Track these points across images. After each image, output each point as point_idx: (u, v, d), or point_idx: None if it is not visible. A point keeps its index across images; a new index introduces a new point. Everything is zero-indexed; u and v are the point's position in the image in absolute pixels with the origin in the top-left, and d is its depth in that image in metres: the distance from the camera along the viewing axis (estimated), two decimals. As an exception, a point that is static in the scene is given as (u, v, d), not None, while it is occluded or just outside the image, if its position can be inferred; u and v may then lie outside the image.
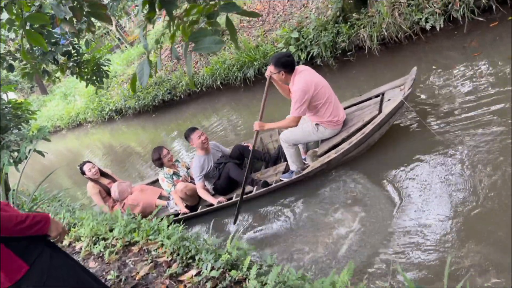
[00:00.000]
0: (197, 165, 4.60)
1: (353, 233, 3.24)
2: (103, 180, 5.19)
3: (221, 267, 2.66)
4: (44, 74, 6.98)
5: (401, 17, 5.12)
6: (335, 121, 3.91)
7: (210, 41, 1.70)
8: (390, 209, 3.28)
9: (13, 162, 5.06)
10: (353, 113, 4.18)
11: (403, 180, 3.48)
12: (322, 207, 3.80)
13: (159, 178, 4.93)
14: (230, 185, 4.62)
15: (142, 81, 1.78)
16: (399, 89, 3.98)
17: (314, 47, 5.99)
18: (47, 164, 12.39)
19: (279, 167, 4.54)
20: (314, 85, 3.70)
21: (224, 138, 6.76)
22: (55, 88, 21.35)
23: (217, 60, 8.25)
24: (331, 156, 3.85)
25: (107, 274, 3.13)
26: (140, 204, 4.94)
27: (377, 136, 3.92)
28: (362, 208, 3.50)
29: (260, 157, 4.80)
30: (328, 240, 3.34)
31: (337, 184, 3.94)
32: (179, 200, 4.74)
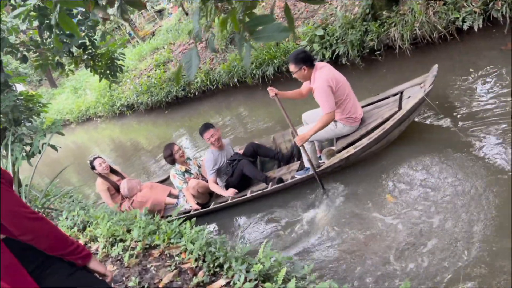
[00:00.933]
0: (210, 159, 4.57)
1: (386, 233, 3.01)
2: (112, 176, 5.13)
3: (254, 279, 2.44)
4: (58, 66, 6.81)
5: (435, 16, 4.87)
6: (354, 117, 3.89)
7: (273, 28, 1.47)
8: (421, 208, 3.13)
9: (26, 156, 4.87)
10: (371, 111, 4.15)
11: (424, 178, 3.40)
12: (341, 206, 3.67)
13: (171, 174, 4.87)
14: (243, 183, 4.58)
15: (190, 73, 1.55)
16: (419, 87, 3.93)
17: (340, 45, 5.75)
18: (55, 157, 12.23)
19: (292, 166, 4.51)
20: (335, 79, 3.71)
21: (237, 137, 6.56)
22: (65, 81, 21.28)
23: (235, 57, 8.03)
24: (350, 151, 3.79)
25: (128, 280, 2.91)
26: (149, 201, 4.88)
27: (397, 132, 3.89)
28: (383, 206, 3.37)
29: (273, 156, 4.74)
30: (355, 242, 3.14)
31: (355, 180, 3.86)
32: (191, 197, 4.67)
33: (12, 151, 4.73)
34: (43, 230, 1.45)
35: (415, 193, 3.32)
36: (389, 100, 4.16)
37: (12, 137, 4.81)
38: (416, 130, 4.04)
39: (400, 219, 3.12)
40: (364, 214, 3.42)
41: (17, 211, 1.40)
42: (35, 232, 1.43)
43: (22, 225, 1.40)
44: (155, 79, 10.66)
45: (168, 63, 11.06)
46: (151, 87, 10.64)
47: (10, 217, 1.39)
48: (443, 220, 2.91)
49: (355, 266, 2.93)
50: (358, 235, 3.20)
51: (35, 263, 1.49)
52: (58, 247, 1.51)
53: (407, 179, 3.51)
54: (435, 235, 2.83)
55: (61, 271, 1.54)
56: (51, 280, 1.51)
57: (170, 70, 10.53)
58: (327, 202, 3.83)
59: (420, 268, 2.64)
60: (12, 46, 5.91)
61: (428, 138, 3.85)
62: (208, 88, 9.04)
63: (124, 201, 5.00)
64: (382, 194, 3.50)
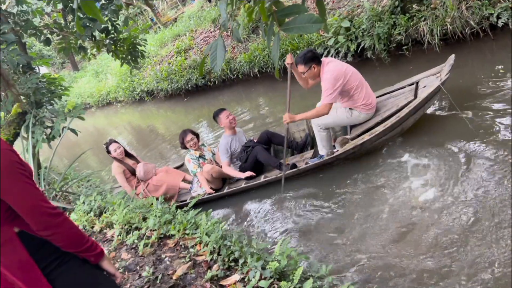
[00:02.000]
0: (224, 144, 4.69)
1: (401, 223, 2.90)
2: (128, 160, 5.18)
3: (270, 277, 2.38)
4: (80, 50, 6.83)
5: (468, 11, 4.67)
6: (369, 104, 3.94)
7: (305, 19, 1.38)
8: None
9: (46, 139, 4.90)
10: (386, 101, 4.19)
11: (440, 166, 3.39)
12: (355, 194, 3.65)
13: (185, 159, 4.93)
14: (256, 169, 4.64)
15: (215, 66, 1.48)
16: (435, 77, 3.97)
17: (366, 38, 5.58)
18: (75, 141, 12.39)
19: (306, 154, 4.59)
20: (344, 72, 3.76)
21: (253, 127, 6.49)
22: (86, 65, 21.48)
23: (257, 47, 7.92)
24: (365, 138, 3.82)
25: (142, 269, 2.89)
26: (164, 185, 4.98)
27: (411, 121, 3.93)
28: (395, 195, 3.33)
29: (287, 144, 4.69)
30: (373, 237, 3.02)
31: (369, 168, 3.86)
32: (205, 181, 4.73)
33: (33, 134, 4.76)
34: (63, 226, 1.43)
35: (439, 185, 3.25)
36: (404, 89, 4.20)
37: (33, 119, 4.83)
38: (428, 121, 4.07)
39: (430, 211, 3.01)
40: (379, 206, 3.34)
41: (39, 206, 1.37)
42: (55, 228, 1.40)
43: (43, 220, 1.38)
44: (175, 66, 10.63)
45: (189, 50, 11.01)
46: (171, 74, 10.62)
47: (32, 212, 1.36)
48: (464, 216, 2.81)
49: (374, 265, 2.83)
50: (376, 230, 3.10)
51: (49, 259, 1.46)
52: (75, 244, 1.48)
53: (419, 168, 3.50)
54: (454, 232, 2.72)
55: (76, 269, 1.51)
56: (66, 278, 1.48)
57: (191, 57, 10.48)
58: (338, 191, 3.80)
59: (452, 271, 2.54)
60: (36, 28, 5.93)
61: (441, 130, 3.85)
62: (228, 77, 8.97)
63: (140, 184, 5.06)
64: (404, 185, 3.42)
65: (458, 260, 2.54)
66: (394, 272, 2.68)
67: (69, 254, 1.50)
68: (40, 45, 19.76)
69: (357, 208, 3.46)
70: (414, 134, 3.97)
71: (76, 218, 3.96)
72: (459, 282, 2.39)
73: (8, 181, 1.33)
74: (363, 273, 2.79)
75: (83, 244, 1.50)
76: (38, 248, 1.44)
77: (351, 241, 3.13)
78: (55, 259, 1.47)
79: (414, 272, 2.61)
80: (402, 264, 2.71)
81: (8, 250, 1.40)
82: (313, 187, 4.07)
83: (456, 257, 2.56)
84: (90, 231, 3.83)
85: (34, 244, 1.43)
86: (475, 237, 2.64)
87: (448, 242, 2.70)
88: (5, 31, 4.65)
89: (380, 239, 3.00)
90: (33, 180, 1.42)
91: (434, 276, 2.52)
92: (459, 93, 4.13)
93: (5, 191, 1.33)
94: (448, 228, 2.80)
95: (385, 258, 2.82)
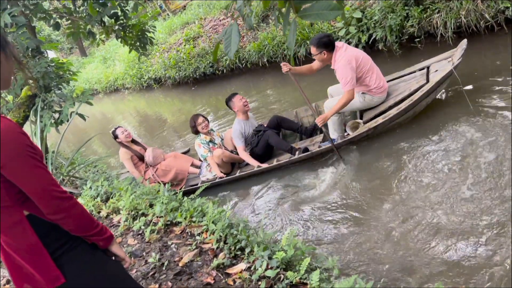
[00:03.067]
0: (238, 129, 4.73)
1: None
2: (134, 146, 5.20)
3: (276, 267, 2.38)
4: (89, 35, 6.80)
5: (484, 4, 4.58)
6: (381, 87, 4.02)
7: (323, 6, 1.34)
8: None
9: (54, 123, 4.91)
10: (398, 85, 4.24)
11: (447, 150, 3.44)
12: (369, 179, 3.66)
13: (196, 143, 4.96)
14: (267, 153, 4.72)
15: (229, 51, 1.45)
16: (446, 61, 4.02)
17: (378, 30, 5.50)
18: (82, 126, 12.43)
19: (315, 139, 4.65)
20: (354, 57, 3.84)
21: (260, 116, 6.46)
22: (95, 50, 21.46)
23: (266, 36, 7.85)
24: (379, 121, 3.89)
25: (148, 255, 2.90)
26: (173, 170, 5.01)
27: (424, 104, 3.99)
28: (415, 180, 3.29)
29: (296, 129, 4.89)
30: (381, 225, 3.01)
31: (382, 151, 3.90)
32: (215, 166, 4.76)
33: (41, 118, 4.77)
34: (73, 210, 1.42)
35: (440, 168, 3.30)
36: (415, 74, 4.24)
37: (42, 103, 4.84)
38: (439, 105, 4.12)
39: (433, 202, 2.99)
40: (391, 194, 3.33)
41: (49, 190, 1.36)
42: (65, 212, 1.39)
43: (53, 204, 1.37)
44: (184, 54, 10.58)
45: (198, 38, 10.94)
46: (180, 62, 10.58)
47: (42, 195, 1.35)
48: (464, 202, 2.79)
49: (382, 257, 2.81)
50: (387, 222, 3.07)
51: (58, 244, 1.45)
52: (85, 228, 1.47)
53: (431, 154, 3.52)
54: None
55: (85, 255, 1.50)
56: (75, 263, 1.47)
57: (199, 45, 10.41)
58: (350, 177, 3.82)
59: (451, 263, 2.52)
60: (45, 12, 5.91)
61: (451, 114, 3.89)
62: (237, 66, 8.91)
63: (148, 169, 5.09)
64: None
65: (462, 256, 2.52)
66: (399, 268, 2.66)
67: (78, 239, 1.49)
68: (49, 30, 19.76)
69: (368, 196, 3.45)
70: (426, 117, 4.01)
71: (83, 203, 3.98)
72: (459, 282, 2.37)
73: (19, 164, 1.32)
74: (370, 265, 2.78)
75: (93, 228, 1.49)
76: (48, 232, 1.43)
77: (360, 231, 3.11)
78: (64, 243, 1.46)
79: (424, 268, 2.59)
80: (410, 259, 2.68)
81: (17, 233, 1.39)
82: (324, 172, 4.08)
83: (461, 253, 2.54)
84: (96, 216, 3.85)
85: (43, 228, 1.42)
86: (479, 231, 2.61)
87: (456, 234, 2.68)
88: (15, 14, 4.63)
89: (388, 231, 2.98)
90: (44, 164, 1.40)
91: (449, 273, 2.50)
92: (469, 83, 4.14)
93: (16, 174, 1.32)
94: (456, 221, 2.78)
95: (389, 252, 2.80)
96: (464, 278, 2.38)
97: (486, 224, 2.64)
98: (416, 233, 2.84)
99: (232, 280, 2.45)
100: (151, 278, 2.65)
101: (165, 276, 2.62)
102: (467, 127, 3.57)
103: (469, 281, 2.35)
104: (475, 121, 3.58)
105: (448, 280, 2.42)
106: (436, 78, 3.75)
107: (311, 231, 3.39)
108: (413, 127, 3.97)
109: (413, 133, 3.89)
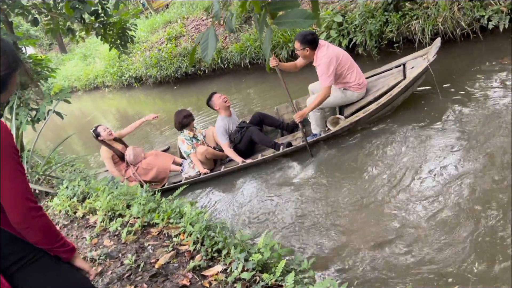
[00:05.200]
0: (221, 125, 4.75)
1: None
2: (116, 144, 5.17)
3: (252, 269, 2.39)
4: (68, 32, 6.69)
5: (460, 12, 4.70)
6: (361, 83, 4.21)
7: (297, 14, 1.36)
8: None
9: (31, 121, 4.81)
10: (376, 81, 4.44)
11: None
12: (348, 171, 3.79)
13: (179, 139, 4.94)
14: (250, 149, 4.81)
15: (206, 55, 1.46)
16: (422, 58, 4.22)
17: (358, 34, 5.59)
18: (60, 124, 12.20)
19: (297, 134, 4.76)
20: (335, 56, 4.00)
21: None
22: (75, 47, 21.10)
23: (248, 37, 7.87)
24: (360, 115, 4.09)
25: (124, 257, 2.88)
26: (155, 168, 4.99)
27: (401, 99, 4.21)
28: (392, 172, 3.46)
29: (278, 125, 5.00)
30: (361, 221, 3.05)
31: (363, 144, 4.07)
32: (198, 162, 4.77)
33: (17, 115, 4.66)
34: (41, 222, 1.38)
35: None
36: (393, 71, 4.44)
37: (18, 100, 4.73)
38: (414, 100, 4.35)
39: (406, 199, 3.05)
40: (369, 190, 3.41)
41: (23, 198, 1.32)
42: (33, 222, 1.35)
43: (23, 212, 1.32)
44: (165, 53, 10.50)
45: (180, 37, 10.87)
46: (161, 61, 10.50)
47: (15, 202, 1.31)
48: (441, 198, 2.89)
49: (359, 259, 2.85)
50: (365, 221, 3.11)
51: (15, 256, 1.40)
52: (50, 240, 1.44)
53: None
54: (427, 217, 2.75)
55: (48, 268, 1.47)
56: (36, 276, 1.43)
57: (181, 45, 10.36)
58: (330, 173, 3.92)
59: (424, 262, 2.57)
60: (23, 7, 5.78)
61: (425, 108, 4.12)
62: (219, 67, 8.90)
63: (129, 168, 5.06)
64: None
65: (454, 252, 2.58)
66: (382, 269, 2.70)
67: (40, 252, 1.46)
68: (28, 25, 19.31)
69: (345, 192, 3.52)
70: (403, 112, 4.23)
71: (59, 203, 3.91)
72: (458, 282, 2.41)
73: (2, 166, 1.28)
74: (347, 267, 2.82)
75: (57, 241, 1.46)
76: (5, 244, 1.39)
77: (337, 232, 3.15)
78: (23, 256, 1.42)
79: (402, 268, 2.63)
80: (390, 260, 2.72)
81: None
82: (305, 169, 4.17)
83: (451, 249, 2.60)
84: (72, 217, 3.79)
85: (3, 237, 1.38)
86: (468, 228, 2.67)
87: (440, 230, 2.74)
88: (-9, 9, 4.52)
89: (367, 231, 3.02)
90: (23, 167, 1.37)
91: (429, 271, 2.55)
92: (443, 87, 4.30)
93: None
94: (438, 217, 2.84)
95: (371, 252, 2.84)
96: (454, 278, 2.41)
97: (480, 221, 2.69)
98: (395, 233, 2.89)
99: (208, 282, 2.45)
100: (126, 279, 2.62)
101: (140, 278, 2.60)
102: (439, 122, 3.81)
103: (465, 280, 2.38)
104: (447, 118, 3.82)
105: (435, 281, 2.46)
106: (412, 74, 3.96)
107: (290, 229, 3.42)
108: (389, 122, 4.20)
109: (392, 126, 4.09)
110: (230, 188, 4.52)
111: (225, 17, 1.93)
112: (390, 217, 3.05)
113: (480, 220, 2.67)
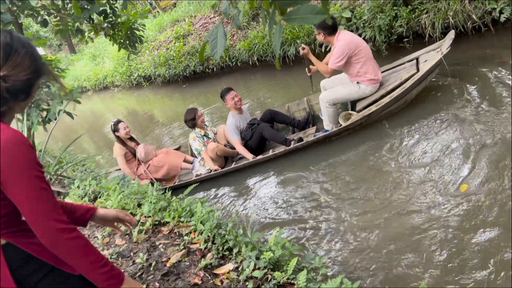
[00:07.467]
0: (233, 123, 4.78)
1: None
2: (130, 143, 5.23)
3: (264, 267, 2.38)
4: (77, 32, 6.72)
5: (471, 5, 4.63)
6: (375, 79, 4.17)
7: (308, 10, 1.34)
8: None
9: (42, 122, 4.85)
10: (389, 76, 4.41)
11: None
12: (363, 169, 3.73)
13: (190, 137, 4.96)
14: (260, 146, 4.80)
15: (215, 54, 1.44)
16: (435, 52, 4.18)
17: (367, 29, 5.53)
18: (70, 124, 12.30)
19: (308, 131, 4.75)
20: (355, 44, 3.99)
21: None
22: (84, 48, 21.23)
23: (256, 34, 7.84)
24: (372, 109, 4.05)
25: (135, 256, 2.89)
26: (166, 166, 5.02)
27: (415, 92, 4.16)
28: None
29: (289, 122, 4.96)
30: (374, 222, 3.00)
31: (374, 141, 4.03)
32: (209, 159, 4.77)
33: (28, 116, 4.70)
34: (75, 244, 1.22)
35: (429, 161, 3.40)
36: (405, 65, 4.39)
37: (29, 101, 4.77)
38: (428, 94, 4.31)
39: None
40: (383, 185, 3.38)
41: (48, 219, 1.18)
42: (63, 246, 1.20)
43: (50, 234, 1.18)
44: (174, 51, 10.53)
45: (188, 36, 10.88)
46: (169, 60, 10.53)
47: (39, 224, 1.18)
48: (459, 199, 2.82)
49: (371, 257, 2.83)
50: (379, 220, 3.07)
51: (35, 276, 1.29)
52: (89, 266, 1.26)
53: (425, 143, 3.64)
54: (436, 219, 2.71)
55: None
56: None
57: (189, 43, 10.37)
58: (342, 170, 3.87)
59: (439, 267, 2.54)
60: (33, 9, 5.82)
61: (441, 102, 4.07)
62: (227, 64, 8.90)
63: (140, 165, 5.09)
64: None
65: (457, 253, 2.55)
66: (394, 268, 2.68)
67: (63, 271, 1.32)
68: (37, 26, 19.47)
69: (359, 189, 3.49)
70: (416, 106, 4.19)
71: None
72: (458, 282, 2.39)
73: (24, 183, 1.14)
74: (360, 266, 2.80)
75: (99, 267, 1.27)
76: (24, 264, 1.28)
77: (350, 230, 3.12)
78: (44, 275, 1.30)
79: (414, 267, 2.60)
80: (403, 259, 2.69)
81: None
82: (317, 165, 4.14)
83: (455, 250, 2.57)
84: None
85: (19, 259, 1.27)
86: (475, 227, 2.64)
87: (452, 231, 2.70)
88: (2, 11, 4.56)
89: (382, 230, 2.99)
90: (48, 184, 1.23)
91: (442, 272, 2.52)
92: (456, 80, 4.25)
93: (17, 194, 1.15)
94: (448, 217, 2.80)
95: (385, 251, 2.81)
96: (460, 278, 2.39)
97: (482, 222, 2.65)
98: (408, 233, 2.85)
99: (220, 281, 2.45)
100: (138, 278, 2.63)
101: (152, 277, 2.61)
102: (455, 116, 3.73)
103: (466, 281, 2.36)
104: (461, 112, 3.75)
105: (440, 280, 2.44)
106: (426, 66, 3.91)
107: (301, 227, 3.40)
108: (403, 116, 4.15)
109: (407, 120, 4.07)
110: (240, 185, 4.51)
111: (232, 14, 1.92)
112: (405, 217, 3.00)
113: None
